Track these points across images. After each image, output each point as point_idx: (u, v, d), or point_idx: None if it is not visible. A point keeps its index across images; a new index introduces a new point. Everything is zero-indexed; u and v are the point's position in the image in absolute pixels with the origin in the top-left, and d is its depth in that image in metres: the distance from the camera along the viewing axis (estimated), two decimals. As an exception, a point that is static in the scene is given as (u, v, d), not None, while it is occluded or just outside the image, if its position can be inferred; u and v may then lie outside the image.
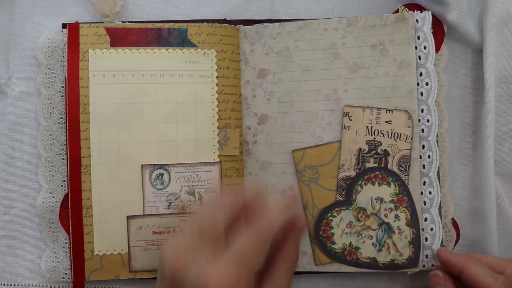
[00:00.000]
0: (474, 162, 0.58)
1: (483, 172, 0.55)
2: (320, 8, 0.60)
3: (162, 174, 0.56)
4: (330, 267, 0.56)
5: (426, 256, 0.55)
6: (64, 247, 0.57)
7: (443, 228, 0.56)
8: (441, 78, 0.57)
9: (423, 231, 0.55)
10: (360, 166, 0.55)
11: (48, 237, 0.57)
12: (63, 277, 0.57)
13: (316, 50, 0.56)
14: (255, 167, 0.57)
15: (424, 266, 0.55)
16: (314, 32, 0.56)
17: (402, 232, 0.55)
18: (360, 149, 0.55)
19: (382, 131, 0.55)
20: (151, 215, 0.56)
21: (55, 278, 0.57)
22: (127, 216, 0.56)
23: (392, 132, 0.55)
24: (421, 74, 0.55)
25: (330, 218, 0.56)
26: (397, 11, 0.57)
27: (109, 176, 0.55)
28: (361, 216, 0.55)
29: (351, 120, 0.56)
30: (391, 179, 0.55)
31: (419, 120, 0.55)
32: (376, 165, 0.55)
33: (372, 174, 0.55)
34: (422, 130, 0.55)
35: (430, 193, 0.55)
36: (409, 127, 0.55)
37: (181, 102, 0.56)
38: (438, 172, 0.55)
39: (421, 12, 0.56)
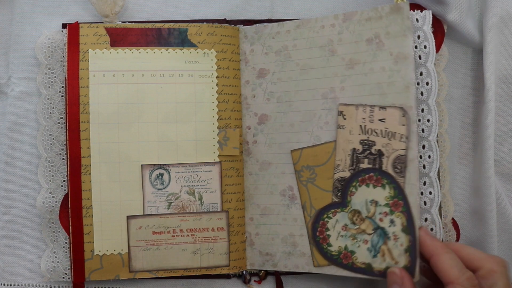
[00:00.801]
0: (474, 162, 0.58)
1: (483, 172, 0.55)
2: (320, 8, 0.60)
3: (162, 174, 0.56)
4: (328, 269, 0.54)
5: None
6: (64, 247, 0.57)
7: (443, 228, 0.55)
8: (441, 78, 0.57)
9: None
10: (354, 166, 0.53)
11: (48, 237, 0.57)
12: (63, 277, 0.57)
13: (313, 48, 0.56)
14: (255, 167, 0.57)
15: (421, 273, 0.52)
16: (311, 30, 0.56)
17: (397, 238, 0.51)
18: (354, 149, 0.54)
19: (376, 130, 0.53)
20: (151, 215, 0.56)
21: (55, 278, 0.57)
22: (127, 216, 0.56)
23: (386, 130, 0.52)
24: (421, 74, 0.55)
25: (326, 219, 0.55)
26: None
27: (109, 176, 0.55)
28: (356, 219, 0.53)
29: (345, 119, 0.54)
30: (385, 181, 0.52)
31: (419, 120, 0.55)
32: (370, 166, 0.53)
33: (367, 176, 0.53)
34: (423, 130, 0.55)
35: (430, 193, 0.55)
36: (403, 125, 0.52)
37: (181, 102, 0.56)
38: (438, 172, 0.55)
39: (421, 12, 0.55)
